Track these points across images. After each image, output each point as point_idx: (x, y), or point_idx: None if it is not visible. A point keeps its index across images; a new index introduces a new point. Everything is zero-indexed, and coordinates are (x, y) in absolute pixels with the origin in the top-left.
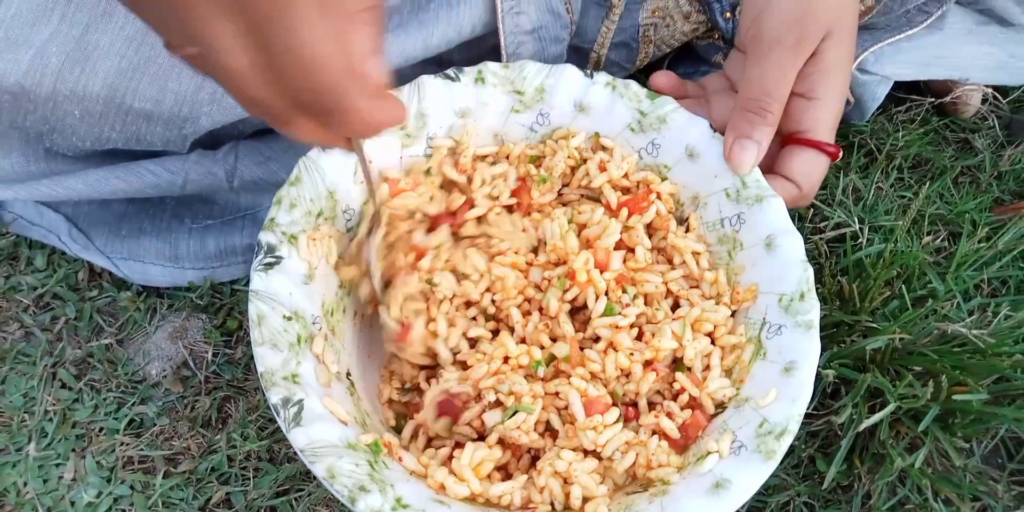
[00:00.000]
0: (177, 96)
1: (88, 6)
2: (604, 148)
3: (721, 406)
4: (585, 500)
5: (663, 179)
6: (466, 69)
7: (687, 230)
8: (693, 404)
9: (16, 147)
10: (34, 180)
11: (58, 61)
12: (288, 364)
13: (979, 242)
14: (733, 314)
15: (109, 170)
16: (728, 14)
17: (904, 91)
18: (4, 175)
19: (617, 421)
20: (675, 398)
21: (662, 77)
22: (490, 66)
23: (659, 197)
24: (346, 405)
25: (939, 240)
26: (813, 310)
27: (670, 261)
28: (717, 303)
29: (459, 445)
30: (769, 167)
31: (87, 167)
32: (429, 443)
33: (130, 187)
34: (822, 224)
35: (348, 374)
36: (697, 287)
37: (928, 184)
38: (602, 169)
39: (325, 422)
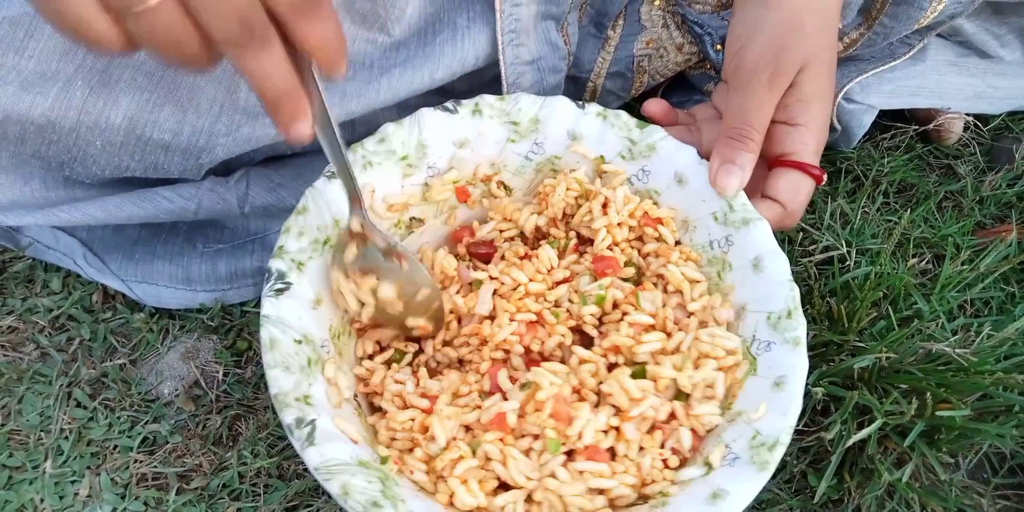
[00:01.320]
0: (195, 128)
1: None
2: (605, 172)
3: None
4: None
5: (654, 204)
6: (464, 102)
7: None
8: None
9: (36, 175)
10: (53, 206)
11: (83, 94)
12: (300, 386)
13: (962, 264)
14: None
15: (125, 197)
16: (719, 46)
17: (889, 119)
18: (24, 201)
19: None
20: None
21: (654, 105)
22: (486, 98)
23: (662, 223)
24: (355, 425)
25: (924, 262)
26: (800, 327)
27: (666, 288)
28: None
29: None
30: (757, 191)
31: (104, 194)
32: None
33: (146, 213)
34: (811, 247)
35: (355, 395)
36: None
37: (913, 209)
38: (604, 211)
39: (337, 441)
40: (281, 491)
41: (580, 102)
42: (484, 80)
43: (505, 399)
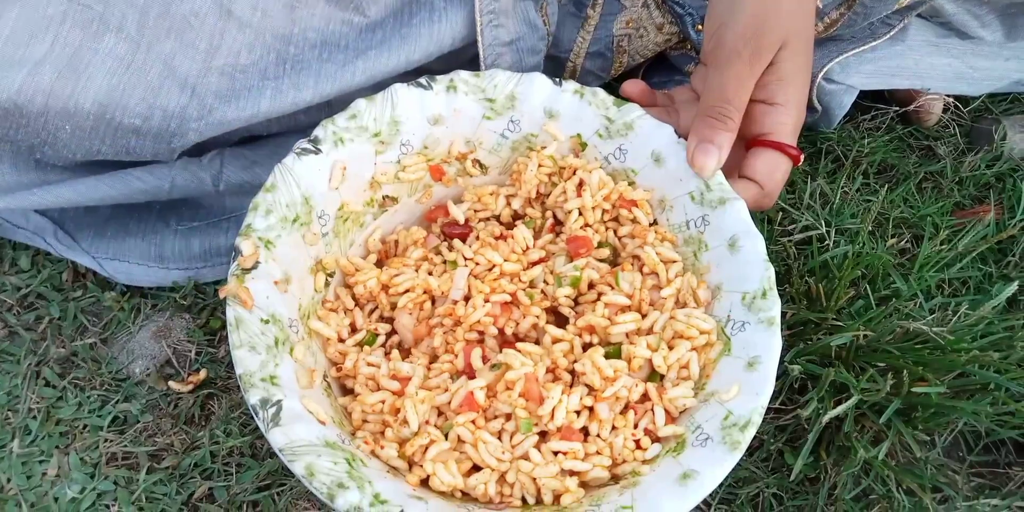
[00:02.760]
0: (165, 113)
1: (81, 26)
2: (583, 145)
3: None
4: (557, 494)
5: (630, 184)
6: (438, 77)
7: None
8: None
9: (6, 158)
10: (25, 190)
11: (50, 79)
12: (266, 366)
13: (940, 244)
14: None
15: (98, 179)
16: (699, 27)
17: (870, 100)
18: None
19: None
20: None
21: (632, 85)
22: (461, 74)
23: (636, 205)
24: (324, 405)
25: (902, 242)
26: (775, 307)
27: (642, 269)
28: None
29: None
30: (734, 171)
31: (76, 176)
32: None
33: (119, 194)
34: (790, 227)
35: (325, 376)
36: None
37: (892, 189)
38: (579, 192)
39: (303, 422)
40: (254, 470)
41: (556, 79)
42: (461, 61)
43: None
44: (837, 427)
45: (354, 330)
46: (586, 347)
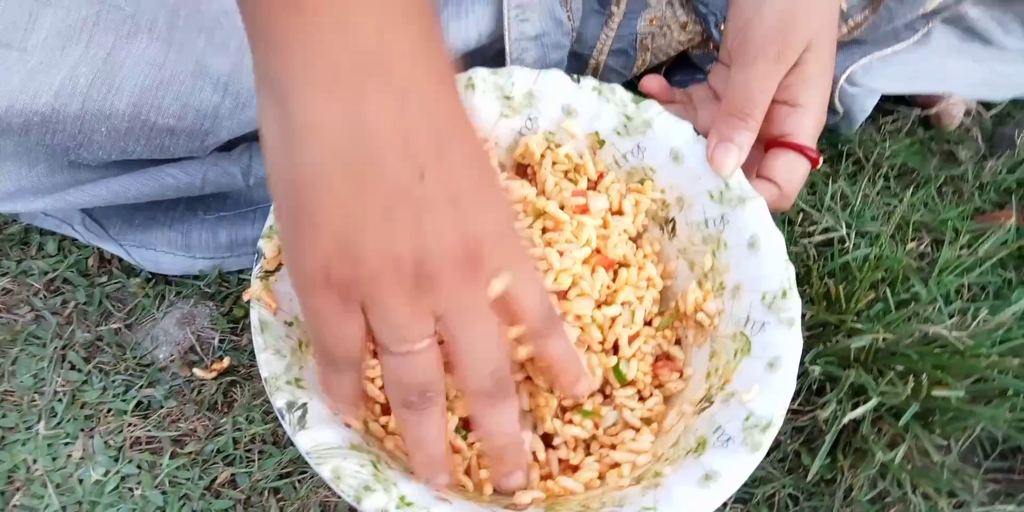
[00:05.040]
0: (199, 112)
1: (113, 28)
2: (601, 143)
3: (708, 400)
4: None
5: (641, 181)
6: (456, 76)
7: (673, 231)
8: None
9: (41, 159)
10: (60, 191)
11: (86, 82)
12: (291, 369)
13: (961, 249)
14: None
15: (131, 177)
16: (723, 26)
17: (891, 103)
18: (30, 186)
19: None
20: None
21: (652, 81)
22: (480, 72)
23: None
24: None
25: (923, 246)
26: (795, 307)
27: None
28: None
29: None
30: (752, 171)
31: (109, 174)
32: None
33: (152, 191)
34: (811, 228)
35: None
36: None
37: (913, 192)
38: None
39: (329, 425)
40: (275, 458)
41: (575, 76)
42: (485, 57)
43: None
44: (854, 429)
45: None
46: None
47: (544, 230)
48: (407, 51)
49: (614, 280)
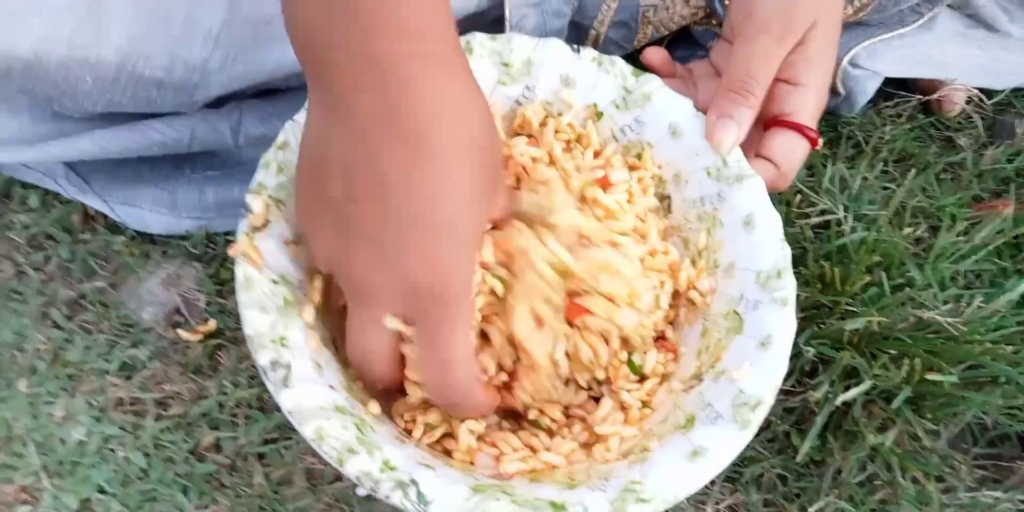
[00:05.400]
0: (188, 64)
1: None
2: (599, 115)
3: (698, 378)
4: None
5: (638, 156)
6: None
7: (669, 208)
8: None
9: (24, 109)
10: (43, 142)
11: (71, 28)
12: (276, 327)
13: (957, 236)
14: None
15: (117, 131)
16: (727, 1)
17: (893, 87)
18: (12, 137)
19: None
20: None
21: (654, 53)
22: (478, 36)
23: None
24: (333, 369)
25: (919, 231)
26: (789, 287)
27: None
28: None
29: None
30: (751, 150)
31: (94, 127)
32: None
33: (138, 145)
34: (808, 210)
35: (334, 340)
36: None
37: (912, 177)
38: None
39: (313, 384)
40: (261, 423)
41: (575, 46)
42: (483, 23)
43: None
44: (845, 412)
45: None
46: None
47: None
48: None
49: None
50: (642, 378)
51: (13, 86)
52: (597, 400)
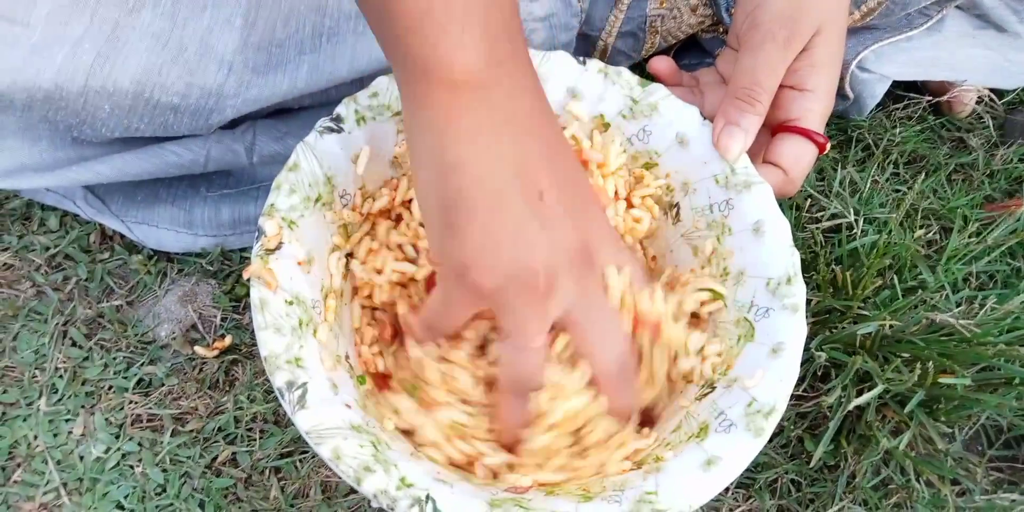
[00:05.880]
0: (203, 90)
1: (117, 3)
2: (606, 126)
3: (711, 386)
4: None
5: (650, 166)
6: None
7: (678, 215)
8: None
9: (44, 136)
10: (63, 167)
11: (89, 58)
12: (291, 348)
13: (969, 237)
14: None
15: (134, 154)
16: (733, 10)
17: (903, 89)
18: (33, 163)
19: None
20: None
21: (661, 62)
22: None
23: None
24: (348, 387)
25: (931, 233)
26: (800, 293)
27: None
28: None
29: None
30: (758, 156)
31: (112, 151)
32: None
33: (155, 168)
34: (819, 214)
35: (347, 357)
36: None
37: (922, 179)
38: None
39: (329, 404)
40: (277, 437)
41: (581, 58)
42: None
43: None
44: (859, 416)
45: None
46: None
47: None
48: (527, 107)
49: None
50: None
51: (35, 116)
52: None
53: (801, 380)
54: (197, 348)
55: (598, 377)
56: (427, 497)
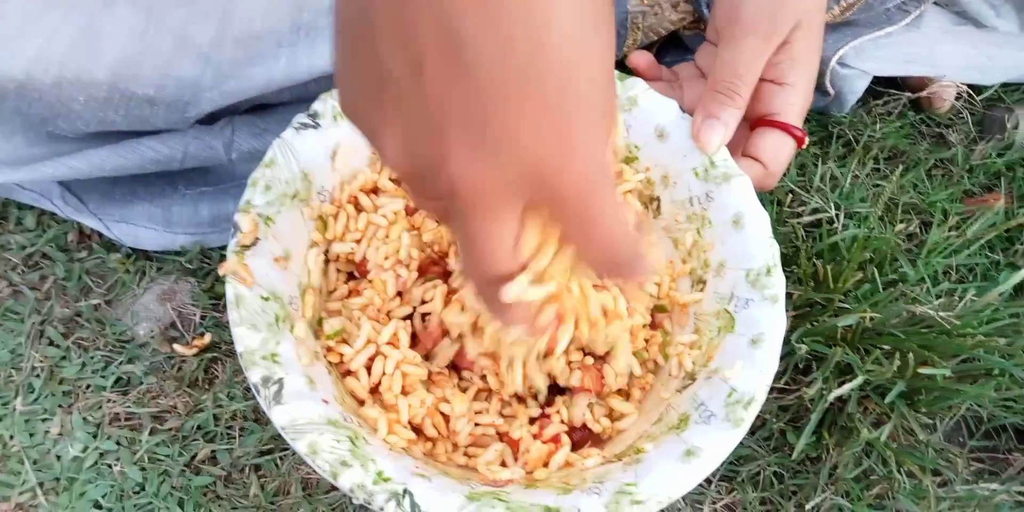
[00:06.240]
0: (180, 82)
1: None
2: None
3: (691, 377)
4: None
5: (630, 160)
6: None
7: (658, 209)
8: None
9: (18, 130)
10: (37, 162)
11: (63, 49)
12: (267, 344)
13: (949, 231)
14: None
15: (111, 149)
16: (713, 4)
17: (883, 85)
18: (7, 158)
19: None
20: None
21: (640, 57)
22: None
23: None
24: (326, 383)
25: (911, 227)
26: (779, 285)
27: None
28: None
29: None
30: (738, 150)
31: (88, 146)
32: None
33: (132, 164)
34: (800, 209)
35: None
36: None
37: (902, 174)
38: None
39: (305, 400)
40: (256, 434)
41: None
42: None
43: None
44: (840, 408)
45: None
46: None
47: None
48: None
49: None
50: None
51: (8, 108)
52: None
53: (782, 373)
54: (176, 346)
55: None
56: (404, 491)
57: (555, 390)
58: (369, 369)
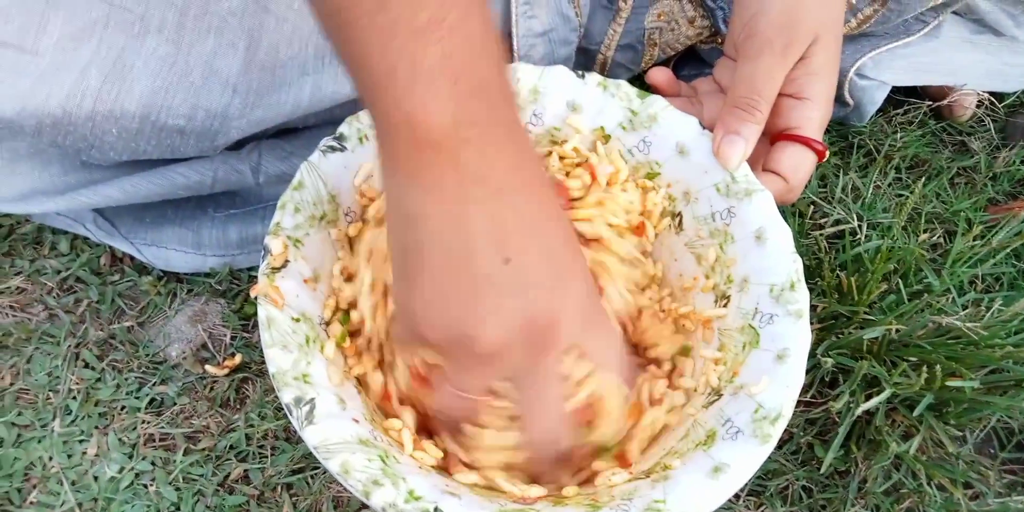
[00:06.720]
0: (208, 112)
1: (123, 29)
2: (607, 138)
3: (717, 393)
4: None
5: (652, 176)
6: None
7: (680, 225)
8: None
9: (54, 160)
10: (72, 190)
11: (96, 83)
12: (299, 364)
13: (974, 240)
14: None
15: (142, 176)
16: (730, 20)
17: (903, 94)
18: (44, 187)
19: None
20: None
21: (659, 74)
22: None
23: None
24: (356, 403)
25: (935, 237)
26: (803, 299)
27: None
28: None
29: None
30: (758, 164)
31: (120, 174)
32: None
33: (163, 190)
34: (822, 220)
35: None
36: None
37: (925, 183)
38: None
39: (337, 419)
40: (288, 453)
41: (580, 72)
42: None
43: None
44: (868, 421)
45: None
46: None
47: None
48: (506, 166)
49: None
50: None
51: (44, 141)
52: None
53: (809, 386)
54: (208, 367)
55: (525, 447)
56: (435, 509)
57: None
58: None
